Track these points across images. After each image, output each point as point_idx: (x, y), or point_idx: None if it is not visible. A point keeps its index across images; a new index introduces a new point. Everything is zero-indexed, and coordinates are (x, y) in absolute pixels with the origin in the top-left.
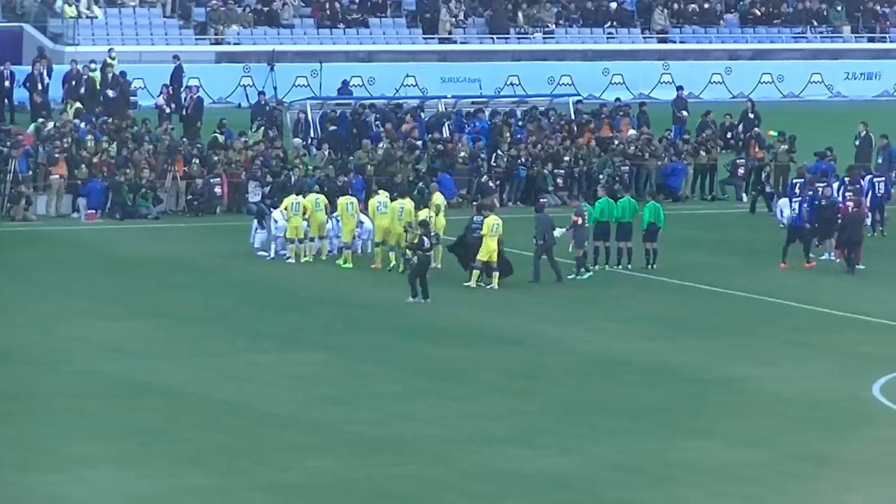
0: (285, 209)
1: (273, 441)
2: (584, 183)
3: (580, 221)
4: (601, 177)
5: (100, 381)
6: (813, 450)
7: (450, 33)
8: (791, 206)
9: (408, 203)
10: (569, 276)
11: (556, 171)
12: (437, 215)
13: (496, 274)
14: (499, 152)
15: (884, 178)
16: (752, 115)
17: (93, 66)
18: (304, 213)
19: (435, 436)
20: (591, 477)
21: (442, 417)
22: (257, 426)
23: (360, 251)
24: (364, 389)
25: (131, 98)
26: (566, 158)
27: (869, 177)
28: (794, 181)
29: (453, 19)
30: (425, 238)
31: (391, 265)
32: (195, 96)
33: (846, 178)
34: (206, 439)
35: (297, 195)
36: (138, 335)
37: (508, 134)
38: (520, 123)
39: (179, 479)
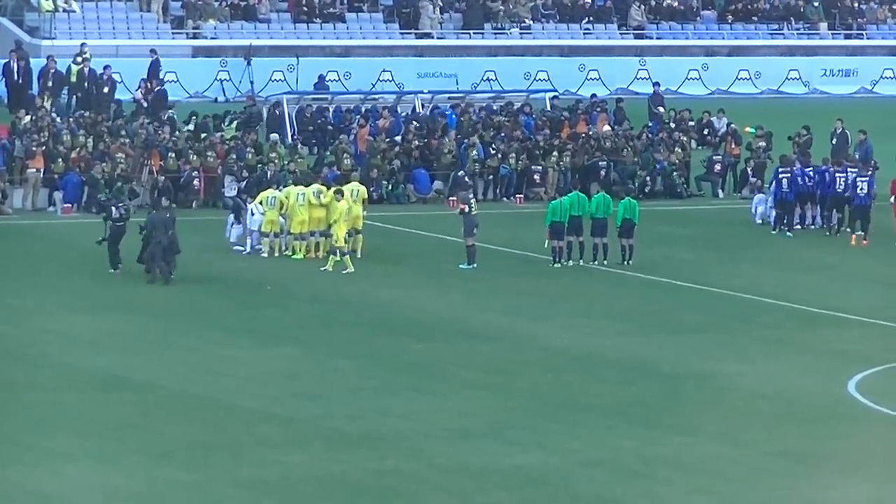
0: (260, 203)
1: (248, 436)
2: (569, 177)
3: (466, 209)
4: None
5: (75, 374)
6: (789, 446)
7: (433, 28)
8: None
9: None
10: (460, 266)
11: (534, 166)
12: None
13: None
14: (491, 149)
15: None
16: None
17: (79, 59)
18: (280, 208)
19: (411, 431)
20: (567, 473)
21: (418, 413)
22: (232, 421)
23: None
24: (339, 384)
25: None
26: (554, 154)
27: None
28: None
29: (439, 15)
30: (114, 209)
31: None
32: (157, 88)
33: (834, 169)
34: (180, 434)
35: (273, 189)
36: (113, 329)
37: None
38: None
39: (155, 474)
